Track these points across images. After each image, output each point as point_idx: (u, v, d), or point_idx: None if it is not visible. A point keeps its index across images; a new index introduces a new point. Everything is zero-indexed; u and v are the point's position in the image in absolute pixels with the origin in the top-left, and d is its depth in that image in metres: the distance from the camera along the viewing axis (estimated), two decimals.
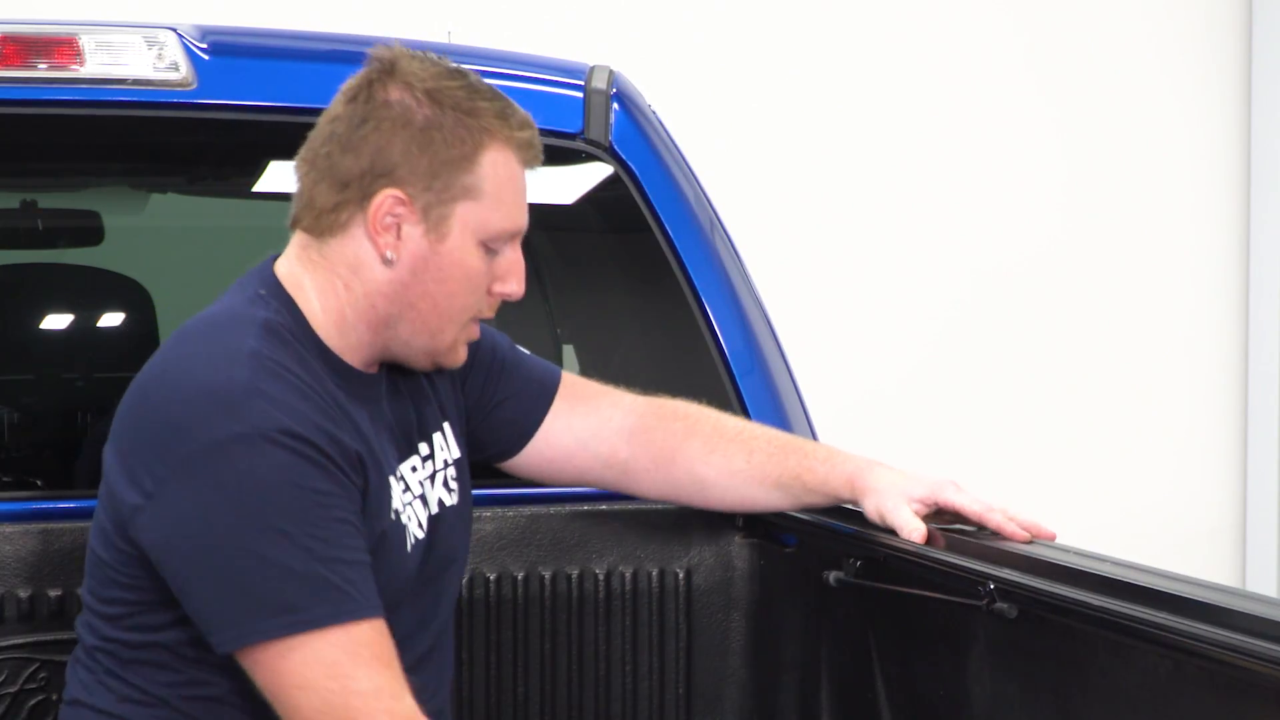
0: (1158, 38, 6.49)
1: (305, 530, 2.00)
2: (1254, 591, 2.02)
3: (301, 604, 1.99)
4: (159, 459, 2.03)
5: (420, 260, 2.16)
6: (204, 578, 2.02)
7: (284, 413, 2.03)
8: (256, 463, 2.00)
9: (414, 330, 2.20)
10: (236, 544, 1.99)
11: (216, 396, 2.02)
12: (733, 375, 2.88)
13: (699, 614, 2.80)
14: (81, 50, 2.70)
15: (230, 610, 2.01)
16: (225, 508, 1.99)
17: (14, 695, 2.58)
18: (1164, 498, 6.55)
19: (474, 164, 2.15)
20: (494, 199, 2.17)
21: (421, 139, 2.13)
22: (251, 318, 2.12)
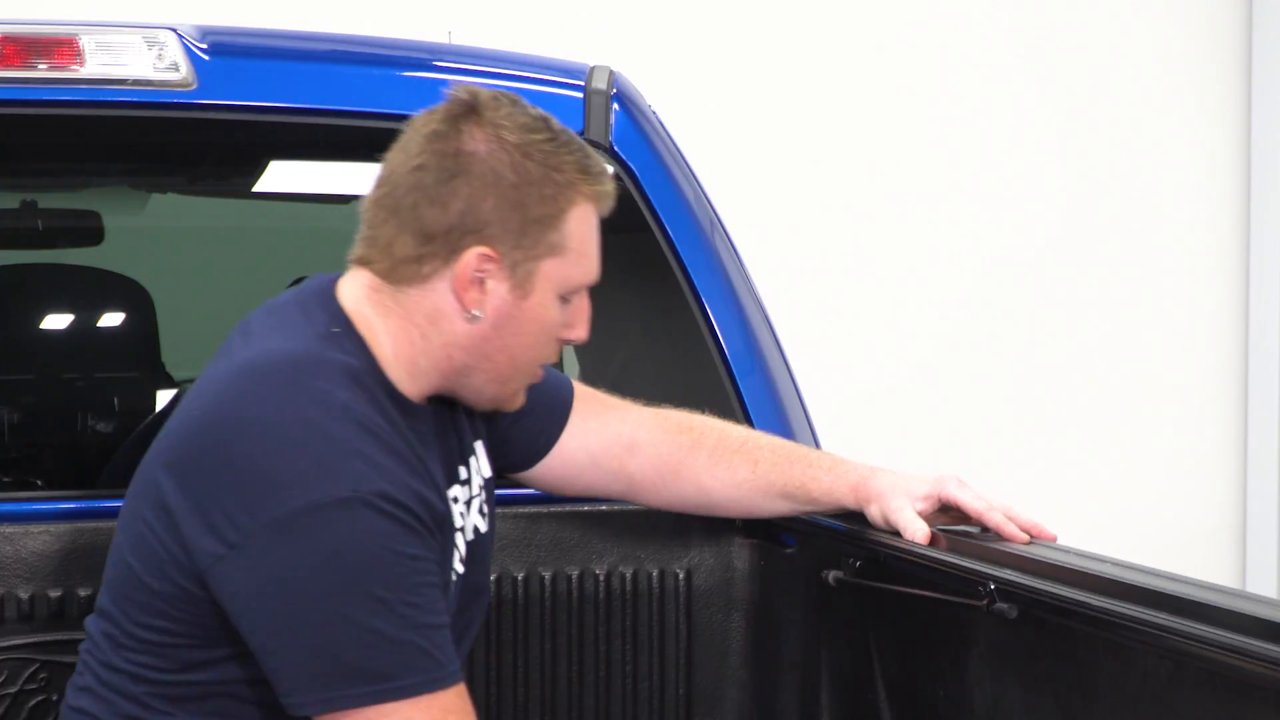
0: (1158, 38, 6.49)
1: (400, 597, 1.97)
2: (1254, 592, 2.02)
3: (394, 672, 1.97)
4: (247, 511, 1.98)
5: (504, 316, 2.13)
6: (293, 639, 1.98)
7: (381, 475, 1.99)
8: (356, 528, 1.96)
9: (486, 380, 2.18)
10: (332, 609, 1.96)
11: (316, 456, 1.98)
12: (733, 375, 2.88)
13: (699, 614, 2.80)
14: (81, 50, 2.69)
15: (318, 674, 1.98)
16: (323, 572, 1.96)
17: (14, 695, 2.58)
18: (1164, 498, 6.55)
19: (561, 221, 2.13)
20: (577, 253, 2.16)
21: (513, 197, 2.10)
22: (333, 363, 2.07)
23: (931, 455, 6.20)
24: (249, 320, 2.21)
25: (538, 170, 2.10)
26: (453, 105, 2.13)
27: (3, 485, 3.00)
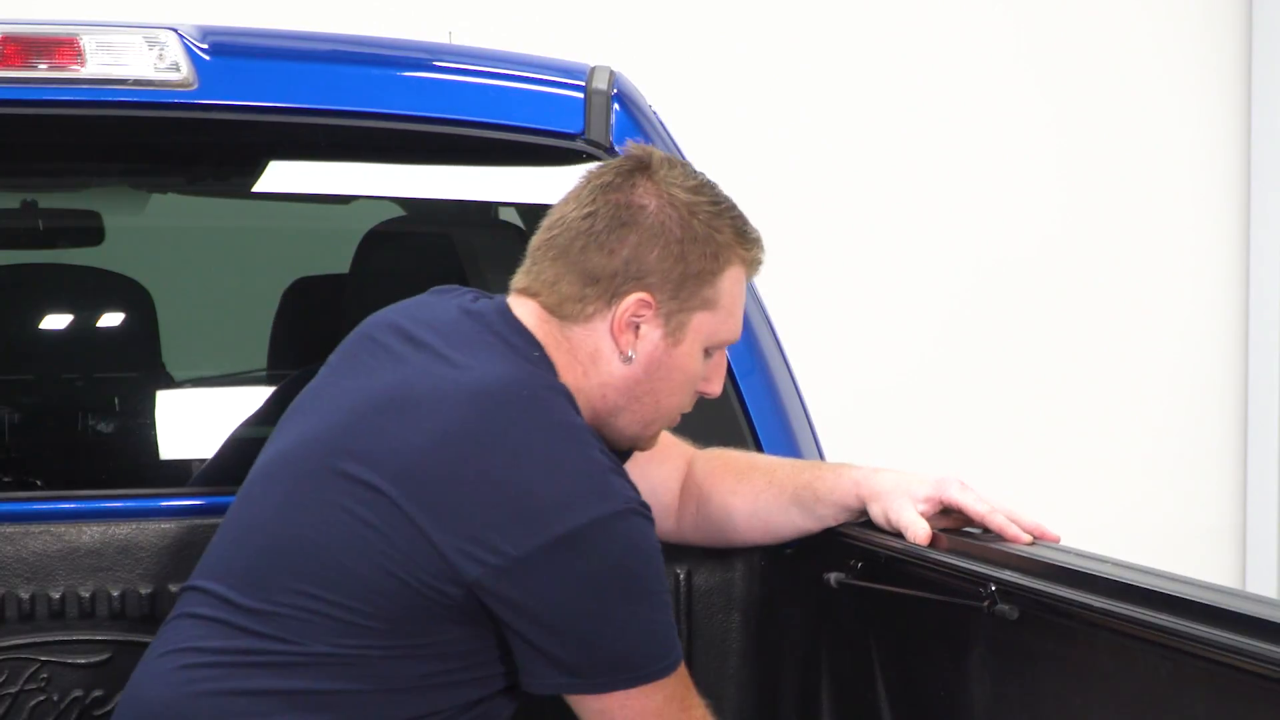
0: (1158, 38, 6.49)
1: (662, 586, 2.23)
2: (1254, 592, 2.02)
3: (668, 651, 2.23)
4: (526, 529, 2.14)
5: (655, 361, 2.31)
6: (583, 637, 2.19)
7: (632, 488, 2.22)
8: (635, 535, 2.18)
9: (631, 421, 2.35)
10: (624, 608, 2.19)
11: (588, 477, 2.18)
12: (733, 375, 2.88)
13: (699, 614, 2.80)
14: (82, 50, 2.69)
15: (609, 660, 2.20)
16: (615, 576, 2.17)
17: (14, 695, 2.58)
18: (1164, 498, 6.55)
19: (717, 279, 2.31)
20: (727, 311, 2.34)
21: (676, 251, 2.28)
22: (556, 388, 2.26)
23: (932, 455, 6.20)
24: (411, 331, 2.33)
25: (701, 229, 2.30)
26: (626, 161, 2.33)
27: (3, 485, 3.00)
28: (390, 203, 3.44)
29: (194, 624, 2.27)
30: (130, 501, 2.65)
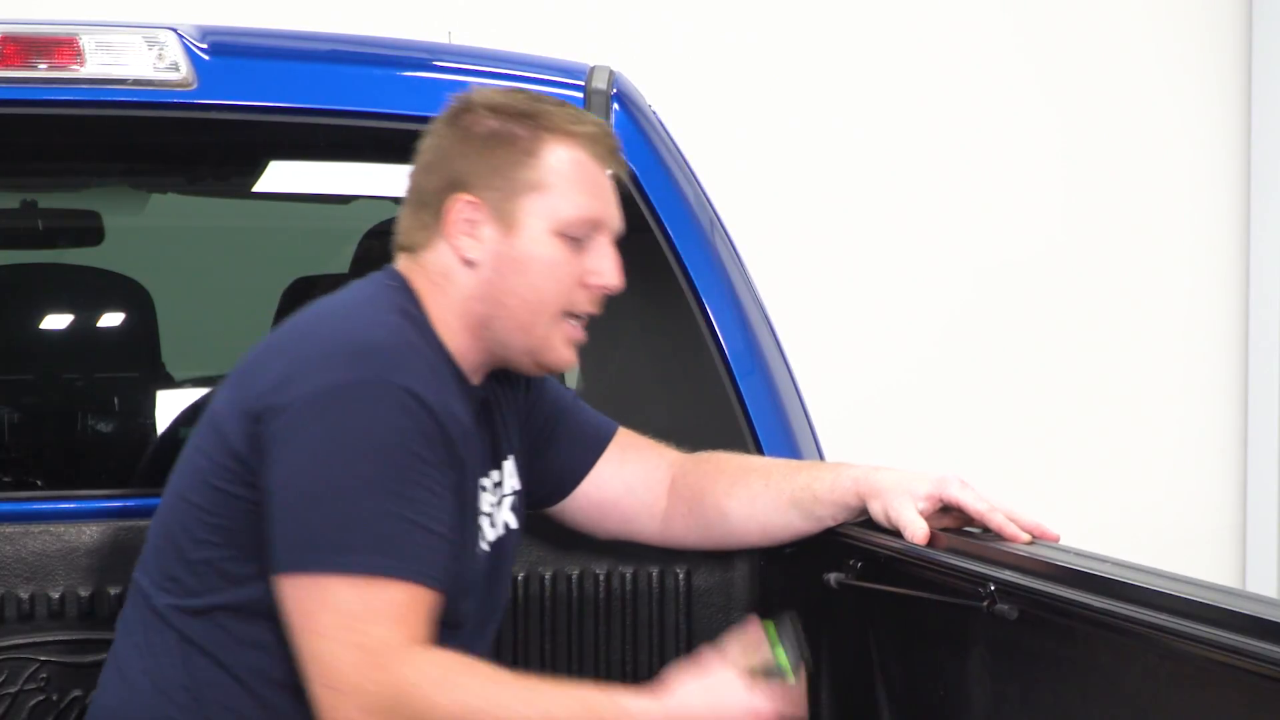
0: (1158, 38, 6.49)
1: (391, 486, 2.10)
2: (1254, 591, 2.02)
3: (355, 548, 2.08)
4: (294, 385, 2.14)
5: (499, 257, 2.28)
6: (287, 499, 2.12)
7: (411, 376, 2.14)
8: (377, 413, 2.11)
9: (508, 328, 2.30)
10: (327, 477, 2.10)
11: (353, 344, 2.16)
12: (733, 375, 2.88)
13: (699, 614, 2.80)
14: (81, 50, 2.70)
15: (295, 535, 2.10)
16: (332, 443, 2.11)
17: (14, 695, 2.58)
18: (1164, 498, 6.55)
19: (535, 158, 2.28)
20: (560, 189, 2.29)
21: (484, 145, 2.28)
22: (391, 300, 2.26)
23: (932, 455, 6.20)
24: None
25: (508, 119, 2.29)
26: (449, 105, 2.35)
27: (3, 485, 3.00)
28: (390, 203, 3.43)
29: (121, 620, 2.33)
30: (130, 501, 2.66)
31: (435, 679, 2.07)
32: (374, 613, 2.07)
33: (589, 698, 2.13)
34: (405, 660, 2.06)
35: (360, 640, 2.06)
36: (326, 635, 2.07)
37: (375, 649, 2.06)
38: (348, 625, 2.06)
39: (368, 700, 2.05)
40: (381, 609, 2.07)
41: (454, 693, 2.07)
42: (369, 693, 2.05)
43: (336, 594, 2.07)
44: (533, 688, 2.11)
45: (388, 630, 2.07)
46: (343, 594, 2.07)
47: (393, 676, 2.05)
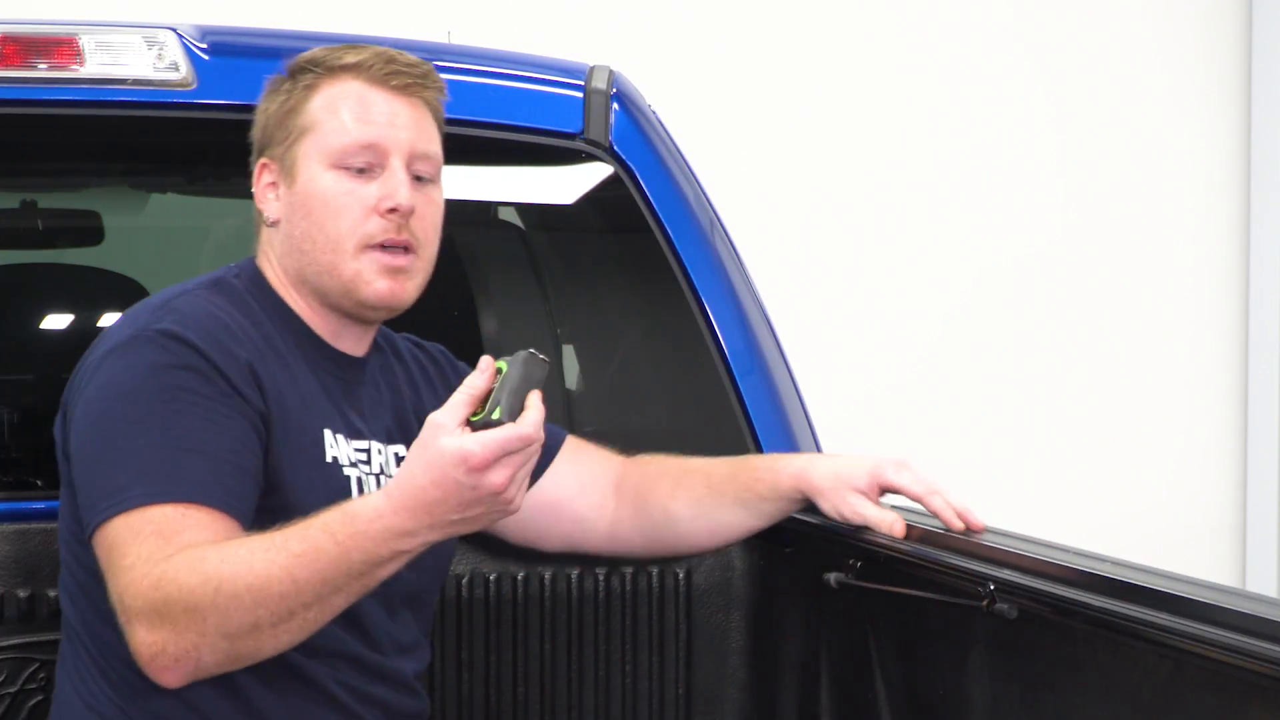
0: (1158, 38, 6.49)
1: (156, 421, 2.12)
2: (1254, 591, 2.02)
3: (129, 485, 2.09)
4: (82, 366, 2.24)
5: (289, 207, 2.30)
6: (79, 468, 2.16)
7: (175, 321, 2.17)
8: (133, 360, 2.15)
9: (316, 272, 2.29)
10: (101, 433, 2.14)
11: (131, 315, 2.23)
12: (733, 375, 2.88)
13: (699, 614, 2.80)
14: (81, 50, 2.70)
15: (87, 498, 2.13)
16: (102, 400, 2.15)
17: (14, 695, 2.58)
18: (1164, 498, 6.55)
19: (306, 106, 2.30)
20: (326, 123, 2.29)
21: (271, 106, 2.32)
22: (209, 276, 2.31)
23: (932, 455, 6.19)
24: None
25: (293, 78, 2.32)
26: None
27: (3, 485, 3.00)
28: None
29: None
30: None
31: (184, 565, 2.04)
32: (140, 536, 2.07)
33: (323, 520, 2.07)
34: (161, 563, 2.05)
35: (124, 564, 2.06)
36: (112, 573, 2.09)
37: (133, 566, 2.06)
38: (122, 555, 2.07)
39: (142, 612, 2.04)
40: (147, 531, 2.07)
41: (202, 567, 2.03)
42: (141, 605, 2.04)
43: (116, 533, 2.08)
44: (271, 536, 2.07)
45: (151, 546, 2.06)
46: (118, 531, 2.08)
47: (151, 580, 2.04)
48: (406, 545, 2.04)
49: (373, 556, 2.03)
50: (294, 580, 2.02)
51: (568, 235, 3.29)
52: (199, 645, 2.04)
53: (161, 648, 2.04)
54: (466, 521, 2.04)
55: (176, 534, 2.06)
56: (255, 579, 2.02)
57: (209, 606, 2.02)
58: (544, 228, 3.31)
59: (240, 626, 2.03)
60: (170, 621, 2.03)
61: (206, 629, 2.03)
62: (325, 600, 2.05)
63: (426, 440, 2.02)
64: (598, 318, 3.27)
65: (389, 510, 2.03)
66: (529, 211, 3.30)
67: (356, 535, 2.03)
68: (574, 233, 3.27)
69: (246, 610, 2.02)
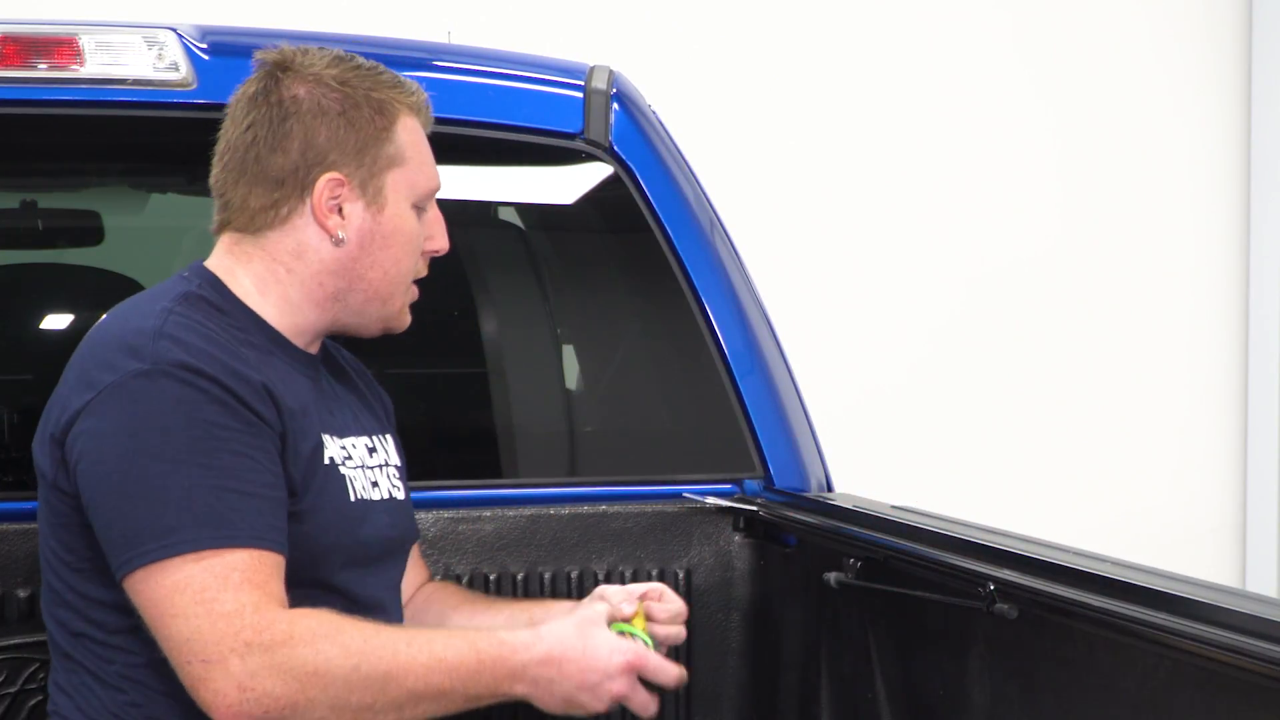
0: (1158, 38, 6.49)
1: (196, 460, 2.08)
2: (1254, 591, 2.02)
3: (180, 527, 2.06)
4: (79, 396, 2.14)
5: (366, 233, 2.27)
6: (104, 505, 2.11)
7: (185, 351, 2.13)
8: (155, 396, 2.10)
9: (365, 299, 2.30)
10: (130, 471, 2.08)
11: (126, 344, 2.14)
12: (733, 375, 2.88)
13: (699, 614, 2.80)
14: (81, 50, 2.70)
15: (122, 536, 2.09)
16: (123, 437, 2.09)
17: (14, 695, 2.58)
18: (1164, 498, 6.55)
19: (392, 132, 2.27)
20: (416, 161, 2.30)
21: (343, 121, 2.25)
22: (171, 290, 2.24)
23: (932, 455, 6.20)
24: None
25: (357, 94, 2.26)
26: (263, 66, 2.30)
27: (4, 485, 3.00)
28: None
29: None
30: None
31: (323, 631, 2.05)
32: (222, 581, 2.05)
33: (470, 635, 2.14)
34: (273, 618, 2.05)
35: (219, 609, 2.04)
36: (182, 615, 2.05)
37: (238, 613, 2.04)
38: (200, 599, 2.04)
39: (246, 663, 2.03)
40: (228, 576, 2.05)
41: (343, 639, 2.06)
42: (244, 655, 2.03)
43: (179, 575, 2.05)
44: (411, 633, 2.13)
45: (244, 594, 2.05)
46: (185, 573, 2.05)
47: (278, 634, 2.04)
48: (520, 690, 2.14)
49: (494, 686, 2.12)
50: (426, 681, 2.09)
51: (568, 235, 3.29)
52: (303, 707, 2.06)
53: (263, 695, 2.04)
54: (569, 700, 2.15)
55: (265, 582, 2.07)
56: (396, 668, 2.08)
57: (340, 679, 2.06)
58: (544, 228, 3.31)
59: (355, 705, 2.08)
60: (291, 678, 2.04)
61: (324, 698, 2.06)
62: (431, 704, 2.11)
63: (589, 624, 2.17)
64: (598, 318, 3.27)
65: (536, 652, 2.13)
66: (529, 211, 3.30)
67: (498, 660, 2.12)
68: (574, 233, 3.27)
69: (372, 693, 2.07)
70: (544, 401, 3.21)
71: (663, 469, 2.93)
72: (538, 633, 2.15)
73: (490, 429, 3.21)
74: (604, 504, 2.79)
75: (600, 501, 2.79)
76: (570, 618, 2.19)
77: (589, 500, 2.80)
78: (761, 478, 2.86)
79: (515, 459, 3.20)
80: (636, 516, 2.79)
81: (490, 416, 3.21)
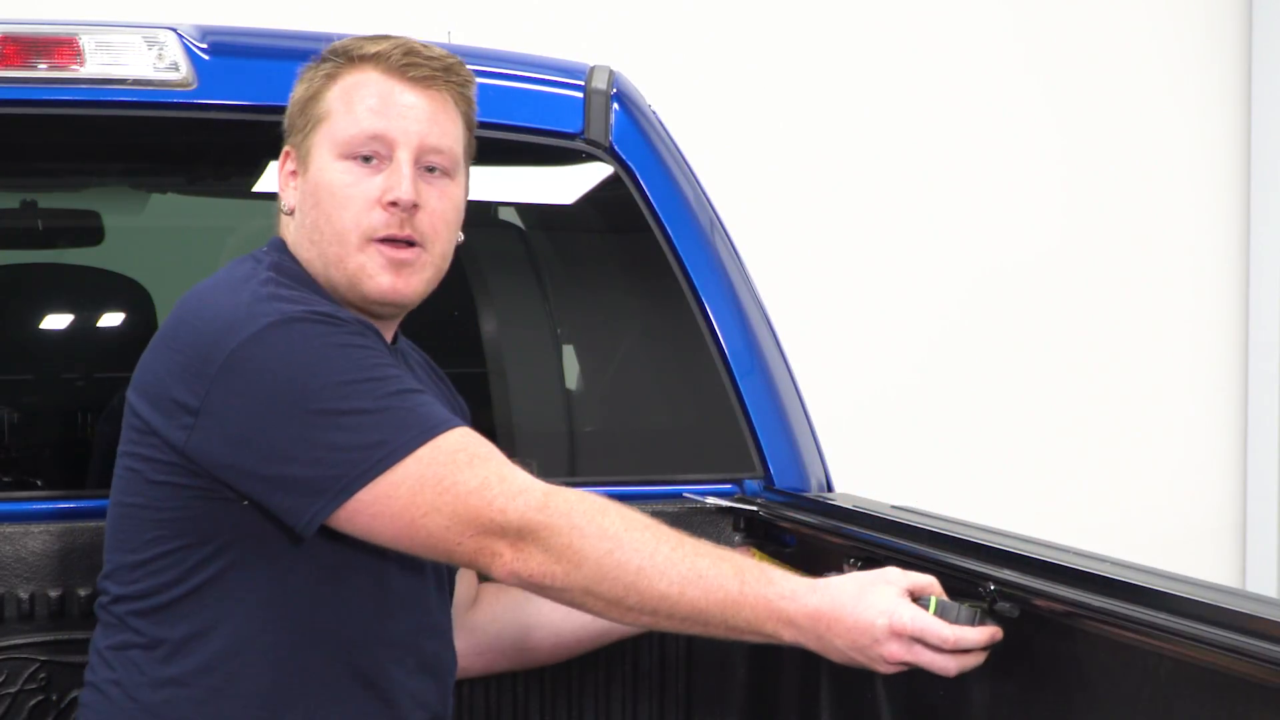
0: (1158, 38, 6.49)
1: (362, 376, 2.09)
2: (1254, 591, 2.02)
3: (387, 437, 2.07)
4: (195, 376, 2.11)
5: (301, 195, 2.29)
6: (285, 456, 2.08)
7: (303, 304, 2.13)
8: (293, 339, 2.10)
9: (326, 264, 2.27)
10: (306, 409, 2.07)
11: (236, 312, 2.13)
12: (733, 375, 2.88)
13: None
14: (81, 50, 2.69)
15: (324, 472, 2.07)
16: (282, 384, 2.08)
17: (14, 695, 2.58)
18: (1164, 498, 6.55)
19: (324, 95, 2.29)
20: (340, 113, 2.27)
21: (298, 95, 2.31)
22: (261, 260, 2.26)
23: (932, 456, 6.20)
24: None
25: (317, 66, 2.32)
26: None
27: (3, 485, 3.00)
28: None
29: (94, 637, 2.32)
30: None
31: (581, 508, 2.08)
32: (452, 463, 2.07)
33: (738, 561, 2.12)
34: (536, 484, 2.08)
35: (464, 488, 2.07)
36: (433, 509, 2.07)
37: (492, 481, 2.07)
38: (441, 488, 2.07)
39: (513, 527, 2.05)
40: (454, 458, 2.08)
41: (603, 521, 2.08)
42: (515, 521, 2.05)
43: (409, 478, 2.07)
44: (681, 538, 2.11)
45: (495, 465, 2.09)
46: (414, 472, 2.07)
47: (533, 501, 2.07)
48: (786, 636, 2.10)
49: (756, 625, 2.10)
50: (681, 592, 2.07)
51: (568, 235, 3.29)
52: (558, 578, 2.07)
53: (522, 564, 2.07)
54: (846, 658, 2.11)
55: (490, 453, 2.10)
56: (651, 567, 2.06)
57: (593, 560, 2.06)
58: (544, 228, 3.31)
59: (606, 592, 2.07)
60: (543, 548, 2.06)
61: (578, 575, 2.06)
62: (687, 623, 2.10)
63: (875, 580, 2.12)
64: (598, 318, 3.27)
65: (806, 603, 2.10)
66: (529, 211, 3.29)
67: (762, 598, 2.09)
68: (574, 233, 3.27)
69: (623, 586, 2.07)
70: (544, 401, 3.21)
71: (663, 469, 2.93)
72: (814, 584, 2.12)
73: (490, 429, 3.21)
74: None
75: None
76: (856, 575, 2.16)
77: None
78: (761, 478, 2.85)
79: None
80: None
81: (490, 417, 3.21)
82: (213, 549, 2.16)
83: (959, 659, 2.08)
